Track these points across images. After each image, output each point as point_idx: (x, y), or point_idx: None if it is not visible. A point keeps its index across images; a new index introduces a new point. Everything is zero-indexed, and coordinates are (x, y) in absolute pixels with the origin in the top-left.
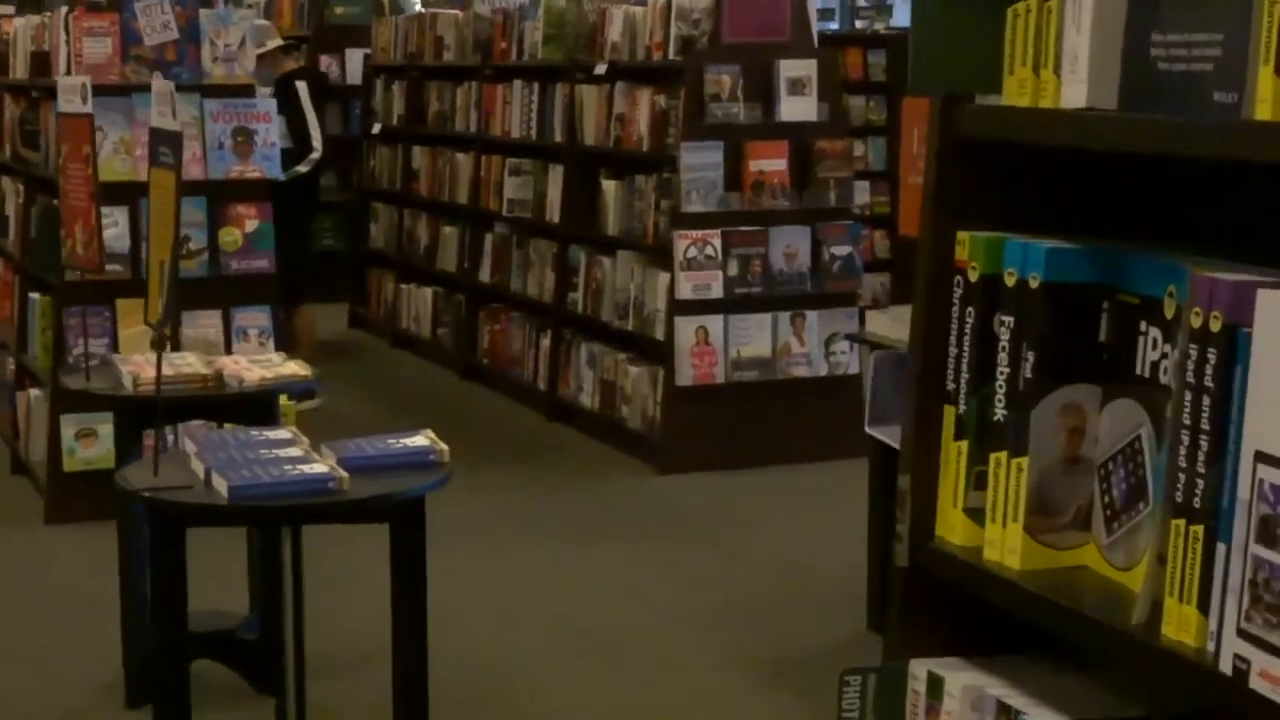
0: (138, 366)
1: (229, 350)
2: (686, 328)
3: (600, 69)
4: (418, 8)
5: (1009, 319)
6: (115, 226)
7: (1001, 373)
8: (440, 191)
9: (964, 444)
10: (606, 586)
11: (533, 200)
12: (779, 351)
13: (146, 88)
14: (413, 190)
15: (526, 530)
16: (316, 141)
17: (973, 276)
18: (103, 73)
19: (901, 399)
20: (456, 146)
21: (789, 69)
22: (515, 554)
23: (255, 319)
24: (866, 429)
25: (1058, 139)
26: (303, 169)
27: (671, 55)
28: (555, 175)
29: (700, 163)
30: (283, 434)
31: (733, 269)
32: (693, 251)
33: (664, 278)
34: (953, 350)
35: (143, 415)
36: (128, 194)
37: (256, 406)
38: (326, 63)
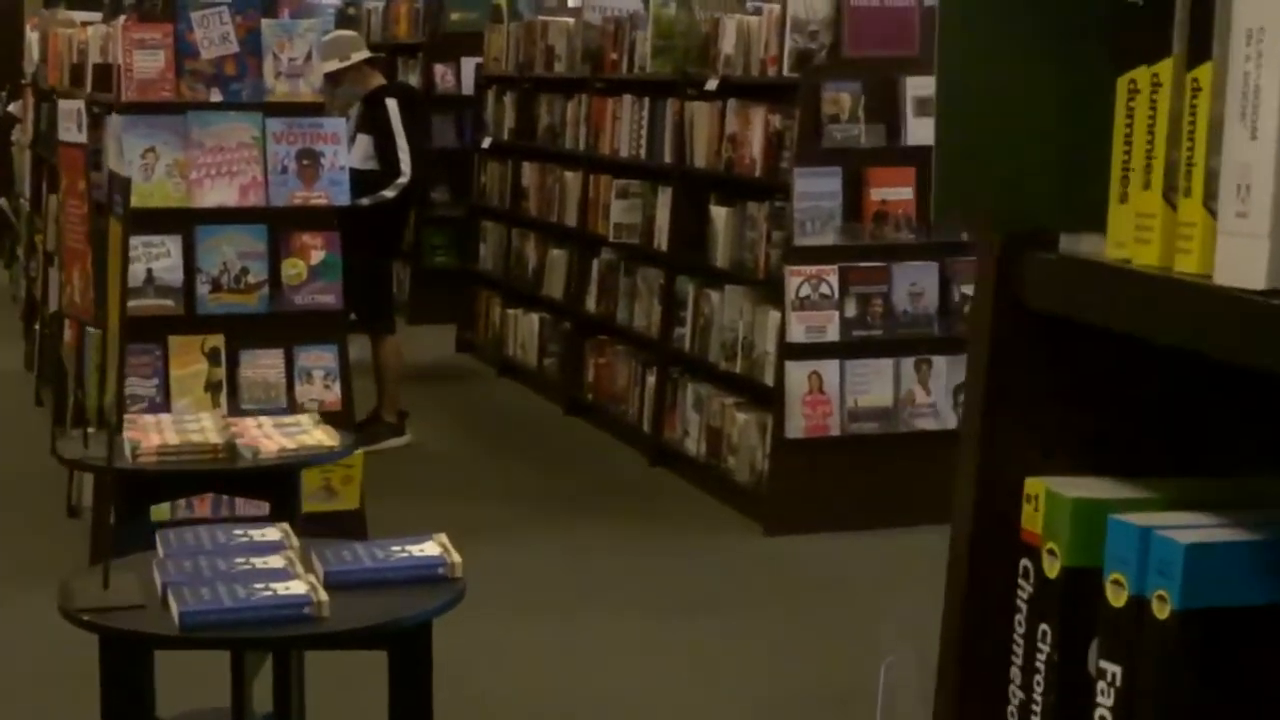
0: (141, 432)
1: (290, 392)
2: (798, 373)
3: (711, 84)
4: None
5: (1114, 669)
6: (168, 257)
7: None
8: (549, 211)
9: None
10: (703, 669)
11: (641, 225)
12: (901, 401)
13: (203, 105)
14: (522, 208)
15: (618, 598)
16: (405, 165)
17: (1050, 570)
18: (155, 89)
19: None
20: (565, 164)
21: (916, 87)
22: (601, 625)
23: (320, 359)
24: None
25: (1212, 347)
26: (388, 194)
27: (786, 71)
28: (664, 198)
29: (816, 190)
30: (271, 534)
31: (851, 309)
32: (806, 289)
33: (774, 317)
34: (1015, 696)
35: (147, 489)
36: (182, 221)
37: (273, 481)
38: (441, 72)
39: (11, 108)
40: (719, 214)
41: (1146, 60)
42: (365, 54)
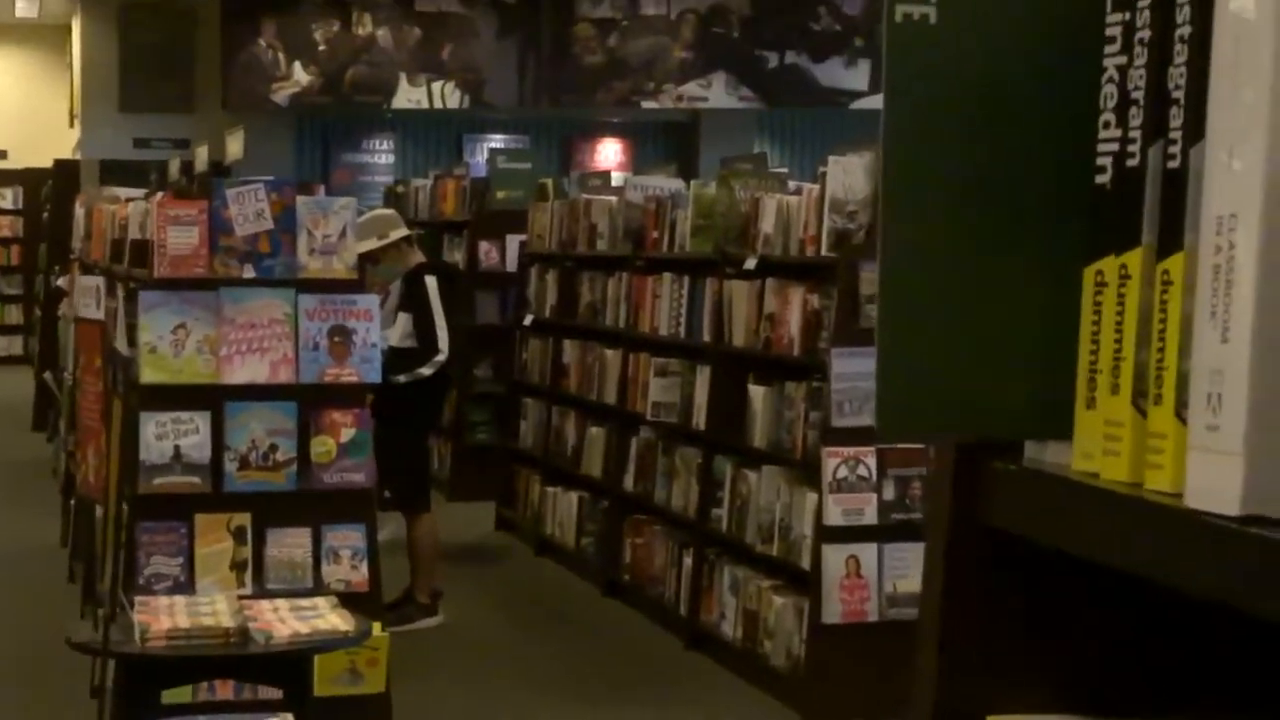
0: (152, 615)
1: (317, 571)
2: (835, 557)
3: (750, 263)
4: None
5: None
6: (196, 434)
7: None
8: (589, 389)
9: None
10: None
11: (679, 403)
12: None
13: (236, 282)
14: (562, 386)
15: None
16: (443, 342)
17: None
18: (188, 265)
19: None
20: (606, 341)
21: None
22: None
23: (348, 538)
24: None
25: (1184, 579)
26: (425, 371)
27: (825, 250)
28: (703, 377)
29: (853, 371)
30: None
31: (889, 492)
32: (843, 471)
33: (812, 498)
34: None
35: (157, 673)
36: (211, 397)
37: (284, 667)
38: (485, 249)
39: (60, 282)
40: (757, 393)
41: (1115, 249)
42: (403, 232)
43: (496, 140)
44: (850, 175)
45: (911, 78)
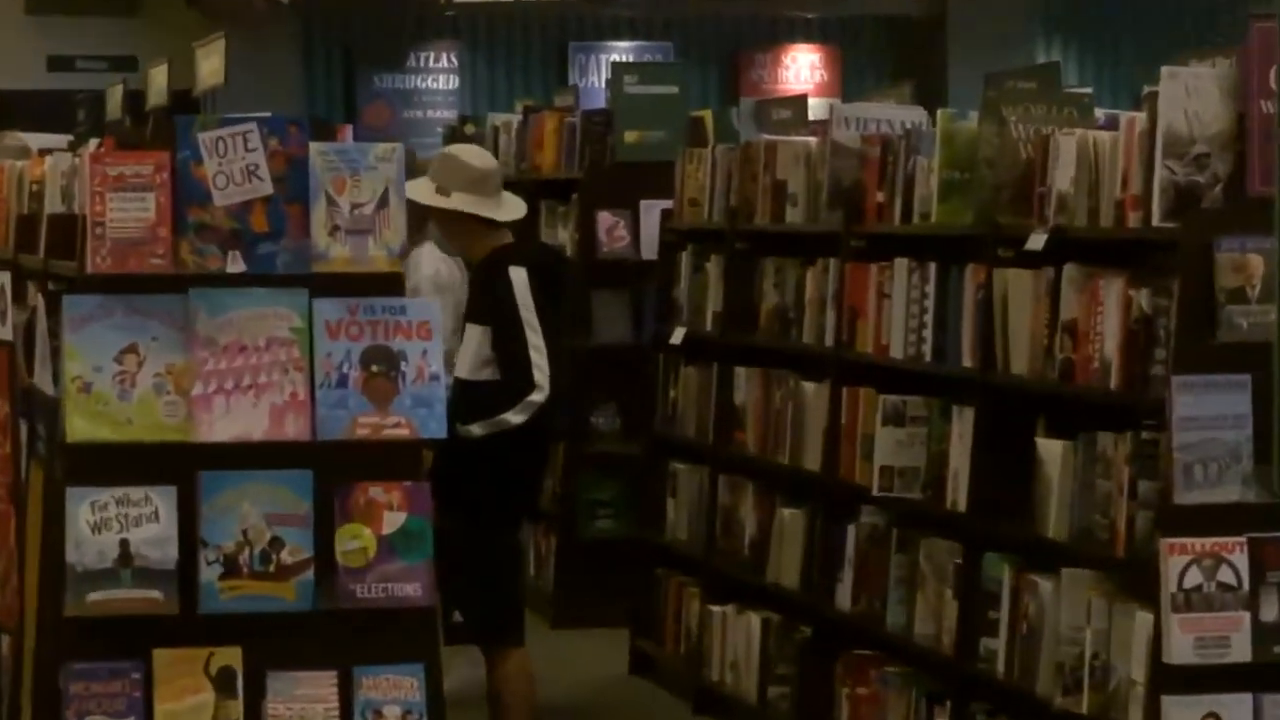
0: None
1: None
2: (1186, 715)
3: (1036, 241)
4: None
5: None
6: (154, 522)
7: None
8: (776, 448)
9: None
10: None
11: (924, 469)
12: None
13: (215, 280)
14: (733, 443)
15: None
16: (541, 374)
17: None
18: (140, 254)
19: None
20: (804, 371)
21: None
22: None
23: (397, 686)
24: None
25: None
26: (513, 419)
27: (1156, 220)
28: (961, 426)
29: (1210, 413)
30: None
31: (1271, 609)
32: (1195, 575)
33: (1144, 621)
34: None
35: None
36: (178, 464)
37: None
38: (608, 224)
39: None
40: (1049, 451)
41: None
42: (488, 201)
43: (622, 51)
44: (1198, 98)
45: None
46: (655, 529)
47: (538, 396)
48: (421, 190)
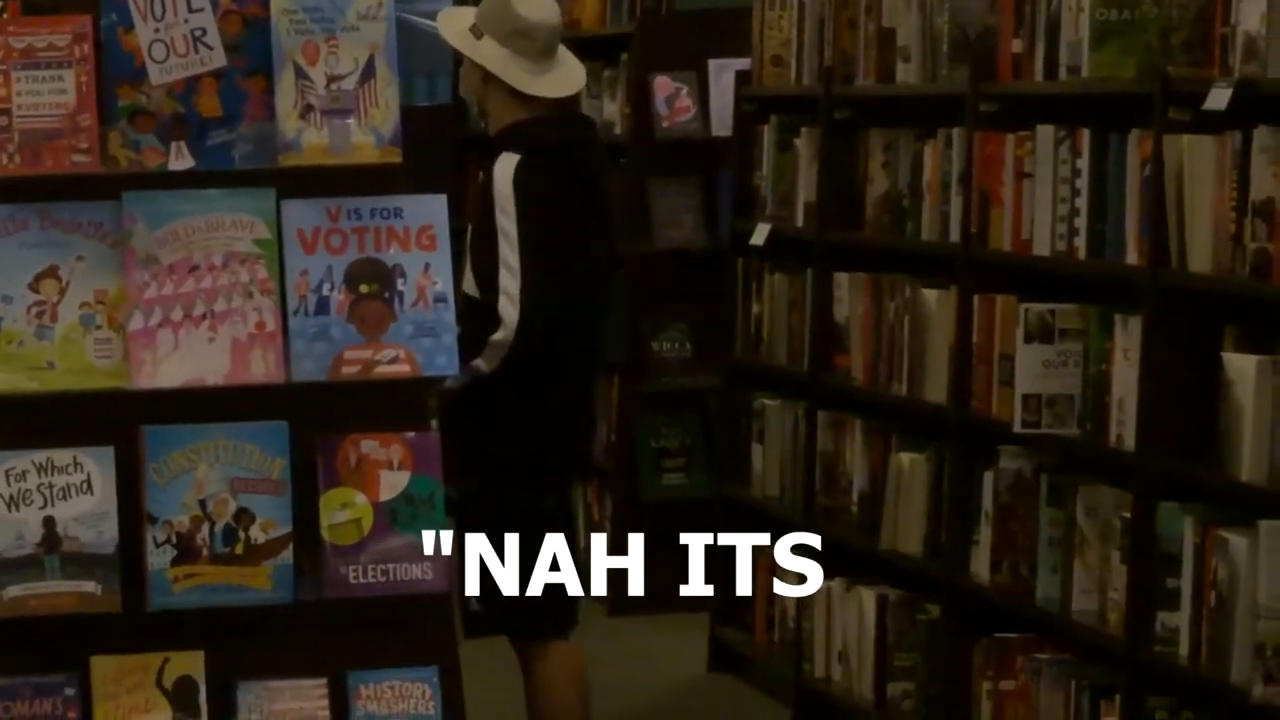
0: None
1: None
2: None
3: (1218, 99)
4: None
5: None
6: (86, 493)
7: None
8: (890, 376)
9: None
10: None
11: (1080, 397)
12: None
13: (154, 180)
14: (835, 371)
15: None
16: (509, 306)
17: None
18: (57, 149)
19: None
20: (923, 273)
21: None
22: None
23: (404, 697)
24: None
25: None
26: (485, 367)
27: None
28: (1127, 341)
29: None
30: None
31: None
32: None
33: None
34: None
35: None
36: (115, 418)
37: None
38: (668, 90)
39: None
40: (1241, 370)
41: None
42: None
43: None
44: None
45: None
46: (738, 484)
47: (501, 336)
48: (455, 24)
